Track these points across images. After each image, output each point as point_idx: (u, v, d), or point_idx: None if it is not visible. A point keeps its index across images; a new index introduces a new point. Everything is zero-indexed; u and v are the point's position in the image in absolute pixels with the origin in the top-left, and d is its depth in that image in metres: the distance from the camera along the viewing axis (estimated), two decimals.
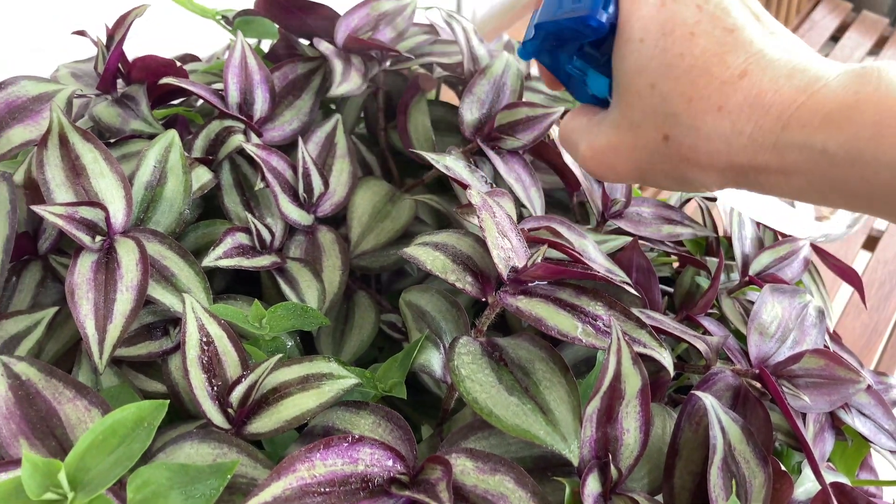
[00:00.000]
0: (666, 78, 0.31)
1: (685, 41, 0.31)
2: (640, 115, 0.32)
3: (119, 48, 0.53)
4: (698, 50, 0.30)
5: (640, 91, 0.32)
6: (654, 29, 0.31)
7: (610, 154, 0.34)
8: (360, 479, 0.36)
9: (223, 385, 0.40)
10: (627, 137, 0.33)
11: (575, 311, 0.39)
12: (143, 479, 0.31)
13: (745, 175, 0.31)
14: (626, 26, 0.32)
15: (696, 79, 0.30)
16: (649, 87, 0.31)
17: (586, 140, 0.36)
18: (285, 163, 0.54)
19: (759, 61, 0.30)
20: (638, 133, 0.33)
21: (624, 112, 0.33)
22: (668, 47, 0.31)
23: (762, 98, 0.30)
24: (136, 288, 0.44)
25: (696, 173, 0.32)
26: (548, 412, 0.37)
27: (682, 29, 0.31)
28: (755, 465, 0.39)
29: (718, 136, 0.30)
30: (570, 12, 0.33)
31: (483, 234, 0.41)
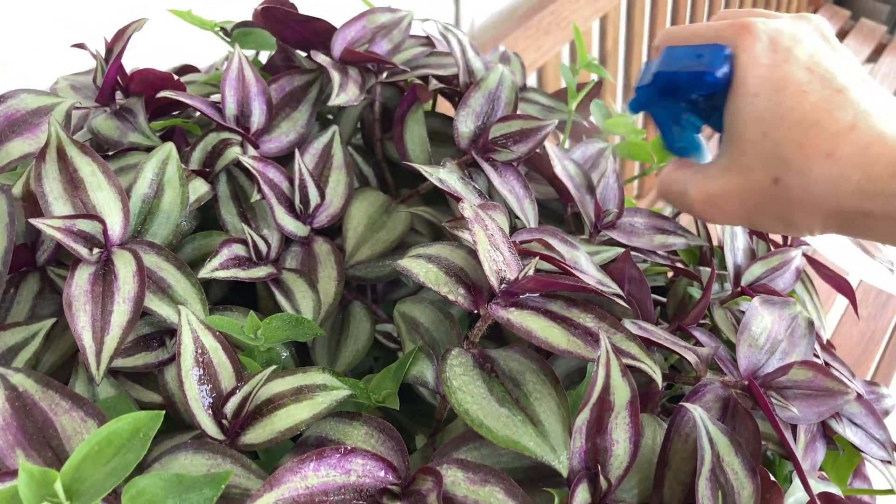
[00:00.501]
0: (778, 127, 0.34)
1: (797, 97, 0.34)
2: (751, 160, 0.35)
3: (118, 61, 0.53)
4: (809, 105, 0.34)
5: (753, 138, 0.35)
6: (769, 86, 0.35)
7: (721, 197, 0.37)
8: (352, 489, 0.36)
9: (218, 396, 0.40)
10: (738, 180, 0.36)
11: (565, 323, 0.40)
12: (137, 489, 0.32)
13: (850, 220, 0.34)
14: (742, 82, 0.36)
15: (808, 129, 0.33)
16: (761, 135, 0.35)
17: (695, 185, 0.38)
18: (282, 174, 0.54)
19: (866, 118, 0.33)
20: (749, 176, 0.36)
21: (735, 157, 0.36)
22: (781, 102, 0.34)
23: (871, 149, 0.33)
24: (132, 300, 0.44)
25: (802, 216, 0.35)
26: (538, 423, 0.38)
27: (795, 87, 0.34)
28: (744, 476, 0.40)
29: (827, 180, 0.33)
30: (691, 66, 0.37)
31: (475, 247, 0.41)
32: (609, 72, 1.56)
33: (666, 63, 0.39)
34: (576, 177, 0.60)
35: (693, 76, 0.37)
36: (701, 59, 0.37)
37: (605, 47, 1.51)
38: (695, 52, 0.38)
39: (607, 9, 1.44)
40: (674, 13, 1.75)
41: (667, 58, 0.39)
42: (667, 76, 0.39)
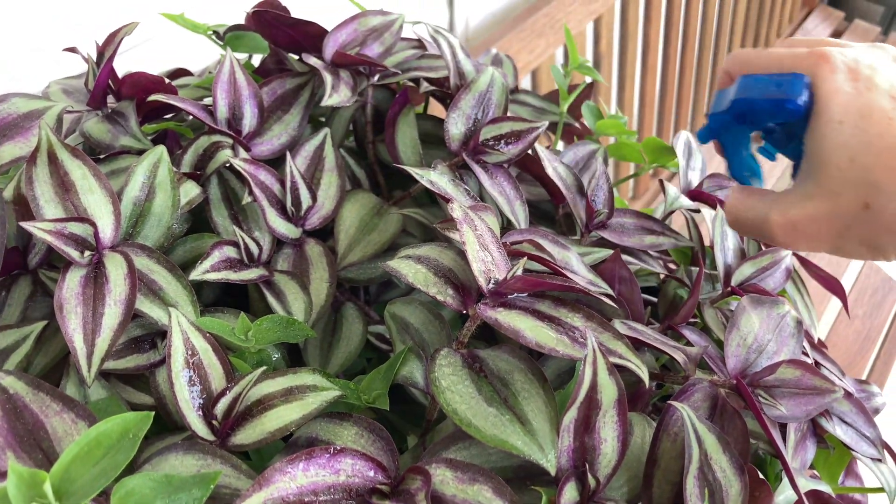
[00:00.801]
0: (867, 153, 0.34)
1: (884, 124, 0.34)
2: (839, 185, 0.35)
3: (109, 65, 0.53)
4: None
5: (840, 164, 0.35)
6: (854, 113, 0.35)
7: (807, 223, 0.37)
8: (341, 489, 0.36)
9: (208, 397, 0.41)
10: (825, 206, 0.36)
11: (553, 322, 0.40)
12: (126, 490, 0.32)
13: None
14: (825, 109, 0.36)
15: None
16: (849, 161, 0.35)
17: (777, 212, 0.38)
18: (273, 177, 0.55)
19: None
20: (837, 201, 0.35)
21: (821, 183, 0.36)
22: (868, 128, 0.34)
23: None
24: (124, 302, 0.44)
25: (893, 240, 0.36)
26: (525, 422, 0.38)
27: (880, 114, 0.35)
28: (731, 474, 0.40)
29: None
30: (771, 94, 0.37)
31: (464, 248, 0.41)
32: (603, 74, 1.56)
33: (744, 90, 0.39)
34: (567, 178, 0.61)
35: (774, 103, 0.37)
36: (781, 88, 0.37)
37: (599, 49, 1.52)
38: (774, 81, 0.38)
39: (601, 11, 1.45)
40: (668, 16, 1.76)
41: (744, 86, 0.39)
42: (745, 103, 0.38)
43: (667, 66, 1.83)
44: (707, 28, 1.96)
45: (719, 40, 2.07)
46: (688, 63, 1.93)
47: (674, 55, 1.84)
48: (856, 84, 0.36)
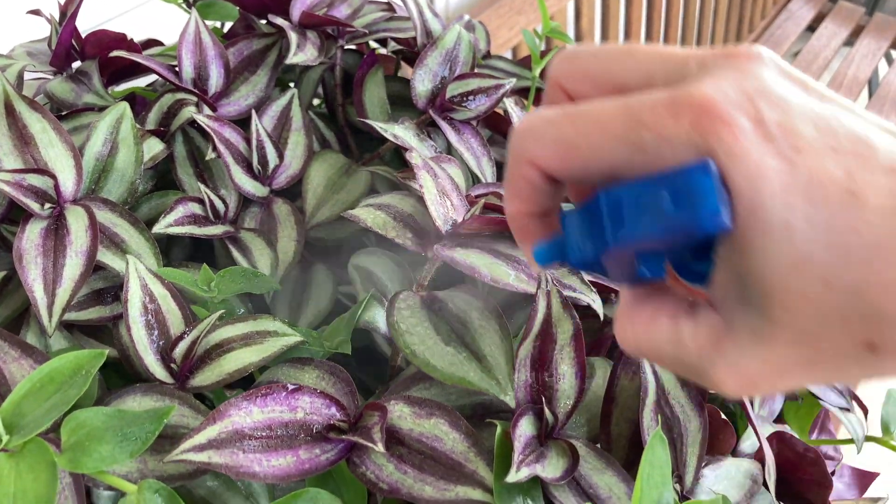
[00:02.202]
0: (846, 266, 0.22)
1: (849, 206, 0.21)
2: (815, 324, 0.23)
3: (71, 24, 0.53)
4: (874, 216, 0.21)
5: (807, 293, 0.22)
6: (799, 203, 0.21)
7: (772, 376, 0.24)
8: (299, 425, 0.37)
9: (167, 341, 0.41)
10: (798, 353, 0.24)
11: (510, 260, 0.40)
12: (77, 422, 0.32)
13: None
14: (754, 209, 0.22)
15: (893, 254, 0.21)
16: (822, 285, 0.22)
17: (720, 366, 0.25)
18: (239, 135, 0.55)
19: None
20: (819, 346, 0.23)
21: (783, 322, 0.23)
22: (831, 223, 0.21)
23: None
24: (85, 253, 0.44)
25: None
26: (482, 359, 0.38)
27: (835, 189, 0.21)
28: (690, 410, 0.40)
29: None
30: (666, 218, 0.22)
31: (421, 192, 0.42)
32: None
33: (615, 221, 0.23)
34: None
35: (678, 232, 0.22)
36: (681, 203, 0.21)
37: (581, 28, 1.52)
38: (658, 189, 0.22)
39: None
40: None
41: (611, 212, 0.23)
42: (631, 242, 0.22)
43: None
44: (690, 8, 1.97)
45: (703, 21, 2.07)
46: (671, 43, 1.93)
47: (657, 36, 1.84)
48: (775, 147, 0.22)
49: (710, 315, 0.25)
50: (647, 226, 0.22)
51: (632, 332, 0.26)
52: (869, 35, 2.33)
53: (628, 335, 0.26)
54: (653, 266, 0.25)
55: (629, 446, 0.41)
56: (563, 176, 0.24)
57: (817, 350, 0.23)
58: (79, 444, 0.32)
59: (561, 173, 0.24)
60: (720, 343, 0.24)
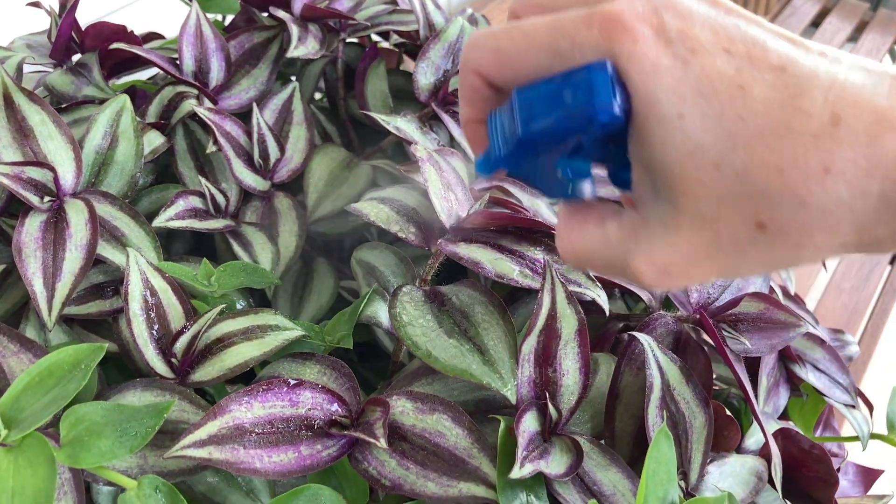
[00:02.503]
0: (733, 150, 0.24)
1: (737, 99, 0.24)
2: (712, 207, 0.25)
3: (71, 16, 0.53)
4: (758, 105, 0.24)
5: (702, 177, 0.24)
6: (691, 96, 0.24)
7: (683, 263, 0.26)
8: (300, 421, 0.36)
9: (167, 336, 0.40)
10: (702, 238, 0.26)
11: (514, 255, 0.40)
12: (76, 417, 0.32)
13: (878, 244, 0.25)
14: (652, 105, 0.24)
15: (777, 141, 0.24)
16: (714, 170, 0.24)
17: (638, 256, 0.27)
18: (240, 128, 0.54)
19: (842, 95, 0.24)
20: (717, 229, 0.25)
21: (684, 208, 0.25)
22: (720, 112, 0.24)
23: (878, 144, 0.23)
24: (85, 247, 0.44)
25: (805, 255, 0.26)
26: (485, 352, 0.37)
27: (725, 84, 0.24)
28: (695, 406, 0.40)
29: (836, 205, 0.24)
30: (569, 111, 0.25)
31: (426, 186, 0.41)
32: None
33: (526, 116, 0.26)
34: None
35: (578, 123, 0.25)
36: (579, 96, 0.24)
37: None
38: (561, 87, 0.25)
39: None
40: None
41: (525, 107, 0.26)
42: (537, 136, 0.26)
43: None
44: None
45: None
46: None
47: None
48: (672, 49, 0.24)
49: (630, 213, 0.27)
50: (551, 116, 0.25)
51: (567, 241, 0.29)
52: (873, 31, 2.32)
53: (565, 244, 0.29)
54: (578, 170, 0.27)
55: (633, 442, 0.41)
56: (500, 82, 0.27)
57: (716, 232, 0.25)
58: (78, 438, 0.31)
59: (499, 80, 0.27)
60: (636, 234, 0.27)
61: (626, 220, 0.27)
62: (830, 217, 0.24)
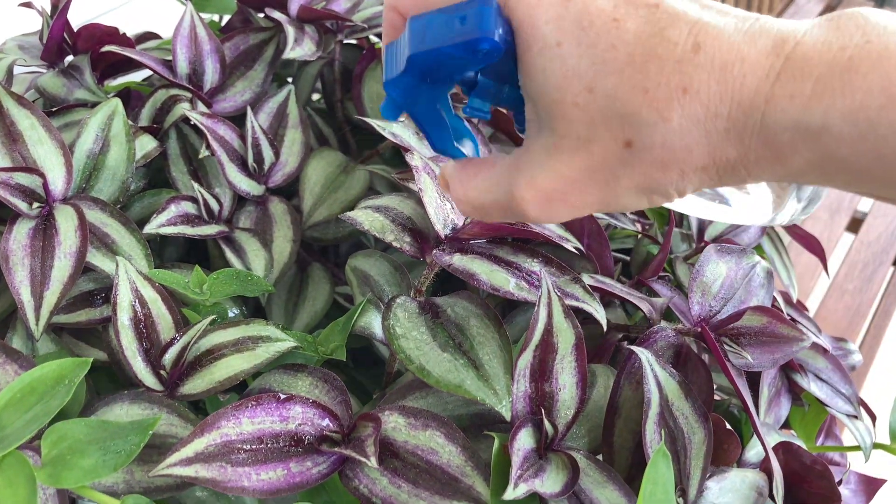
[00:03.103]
0: (605, 74, 0.26)
1: (611, 30, 0.26)
2: (585, 128, 0.27)
3: (62, 17, 0.52)
4: (630, 35, 0.26)
5: (577, 100, 0.27)
6: (570, 27, 0.26)
7: (563, 187, 0.28)
8: (290, 437, 0.35)
9: (157, 347, 0.39)
10: (578, 159, 0.27)
11: (510, 267, 0.39)
12: (59, 435, 0.31)
13: (732, 167, 0.27)
14: (532, 35, 0.27)
15: (644, 66, 0.26)
16: (587, 93, 0.26)
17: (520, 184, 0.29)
18: (233, 132, 0.53)
19: (705, 29, 0.26)
20: (591, 149, 0.27)
21: (562, 131, 0.27)
22: (595, 42, 0.26)
23: (729, 70, 0.25)
24: (74, 255, 0.43)
25: (672, 177, 0.27)
26: (480, 367, 0.37)
27: (602, 17, 0.26)
28: (694, 422, 0.39)
29: (693, 123, 0.26)
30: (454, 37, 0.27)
31: (421, 195, 0.40)
32: None
33: (417, 40, 0.28)
34: None
35: (462, 48, 0.27)
36: (465, 24, 0.27)
37: None
38: (451, 16, 0.27)
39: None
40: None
41: (416, 33, 0.28)
42: (425, 57, 0.27)
43: None
44: None
45: None
46: None
47: None
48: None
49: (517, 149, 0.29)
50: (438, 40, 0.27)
51: (462, 192, 0.31)
52: None
53: (459, 195, 0.31)
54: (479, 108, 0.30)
55: (632, 458, 0.40)
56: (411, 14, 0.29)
57: (591, 153, 0.27)
58: (60, 457, 0.31)
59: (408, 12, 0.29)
60: (520, 164, 0.29)
61: (513, 155, 0.30)
62: (687, 135, 0.26)
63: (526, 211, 0.29)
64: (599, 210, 0.29)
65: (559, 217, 0.29)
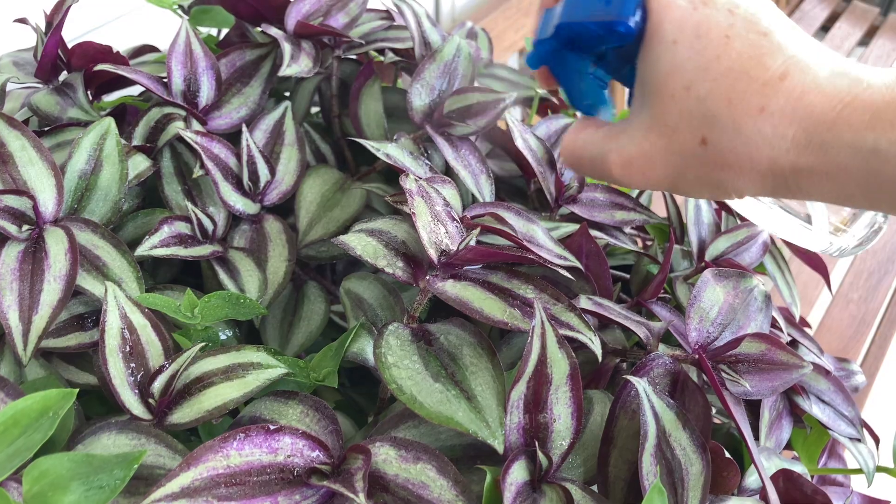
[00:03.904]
0: (703, 80, 0.31)
1: (721, 44, 0.31)
2: (675, 119, 0.32)
3: (56, 34, 0.51)
4: (734, 53, 0.30)
5: (675, 93, 0.31)
6: (689, 31, 0.31)
7: (642, 161, 0.33)
8: (279, 469, 0.35)
9: (145, 374, 0.39)
10: (661, 142, 0.32)
11: (504, 294, 0.38)
12: (40, 471, 0.30)
13: (785, 179, 0.31)
14: (658, 28, 0.32)
15: (735, 81, 0.30)
16: (684, 90, 0.31)
17: (613, 149, 0.34)
18: (228, 150, 0.53)
19: (797, 63, 0.30)
20: (673, 137, 0.32)
21: (656, 116, 0.32)
22: (704, 50, 0.31)
23: (805, 99, 0.30)
24: (64, 278, 0.43)
25: (733, 178, 0.32)
26: (472, 398, 0.36)
27: (717, 31, 0.31)
28: (692, 452, 0.38)
29: (761, 138, 0.30)
30: (598, 16, 0.32)
31: (413, 219, 0.40)
32: None
33: (568, 12, 0.34)
34: (537, 151, 0.59)
35: (602, 26, 0.32)
36: (610, 7, 0.32)
37: None
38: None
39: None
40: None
41: (569, 6, 0.34)
42: (571, 27, 0.33)
43: None
44: None
45: None
46: None
47: None
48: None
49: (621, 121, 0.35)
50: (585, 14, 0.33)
51: (570, 138, 0.36)
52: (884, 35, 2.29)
53: (567, 141, 0.37)
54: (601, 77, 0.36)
55: (628, 488, 0.39)
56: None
57: (671, 139, 0.32)
58: (41, 494, 0.30)
59: None
60: (618, 135, 0.34)
61: (616, 125, 0.35)
62: (753, 146, 0.31)
63: (611, 171, 0.34)
64: (668, 189, 0.34)
65: (634, 184, 0.34)
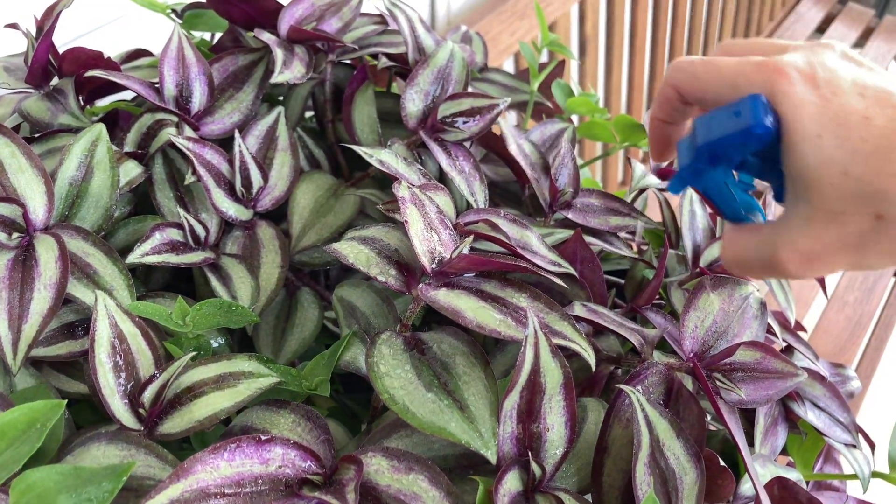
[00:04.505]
0: (857, 162, 0.32)
1: (862, 126, 0.32)
2: (840, 204, 0.33)
3: (47, 40, 0.51)
4: (877, 130, 0.32)
5: (833, 181, 0.33)
6: (829, 122, 0.33)
7: (820, 251, 0.34)
8: (270, 480, 0.34)
9: (136, 384, 0.39)
10: (832, 228, 0.33)
11: (498, 303, 0.38)
12: (27, 484, 0.30)
13: None
14: (797, 127, 0.33)
15: (887, 155, 0.32)
16: (842, 175, 0.32)
17: (782, 246, 0.35)
18: (220, 156, 0.52)
19: None
20: (843, 221, 0.33)
21: (818, 204, 0.33)
22: (849, 135, 0.32)
23: None
24: (54, 286, 0.42)
25: None
26: (465, 408, 0.36)
27: (855, 116, 0.32)
28: (686, 462, 0.38)
29: None
30: (733, 127, 0.34)
31: (406, 227, 0.39)
32: (589, 57, 1.54)
33: (705, 133, 0.35)
34: (531, 156, 0.59)
35: (740, 135, 0.33)
36: (741, 116, 0.33)
37: (585, 32, 1.49)
38: (731, 111, 0.34)
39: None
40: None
41: (703, 129, 0.35)
42: (712, 145, 0.35)
43: (655, 50, 1.81)
44: (697, 10, 1.94)
45: (709, 24, 2.04)
46: (677, 46, 1.90)
47: (662, 40, 1.81)
48: (819, 91, 0.33)
49: (778, 219, 0.36)
50: (721, 129, 0.34)
51: (730, 250, 0.37)
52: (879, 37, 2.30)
53: (728, 253, 0.38)
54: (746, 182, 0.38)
55: (622, 497, 0.39)
56: (690, 98, 0.37)
57: (844, 224, 0.33)
58: None
59: (689, 96, 0.37)
60: (781, 231, 0.35)
61: (775, 223, 0.36)
62: None
63: (787, 268, 0.35)
64: (849, 269, 0.35)
65: (814, 274, 0.35)
